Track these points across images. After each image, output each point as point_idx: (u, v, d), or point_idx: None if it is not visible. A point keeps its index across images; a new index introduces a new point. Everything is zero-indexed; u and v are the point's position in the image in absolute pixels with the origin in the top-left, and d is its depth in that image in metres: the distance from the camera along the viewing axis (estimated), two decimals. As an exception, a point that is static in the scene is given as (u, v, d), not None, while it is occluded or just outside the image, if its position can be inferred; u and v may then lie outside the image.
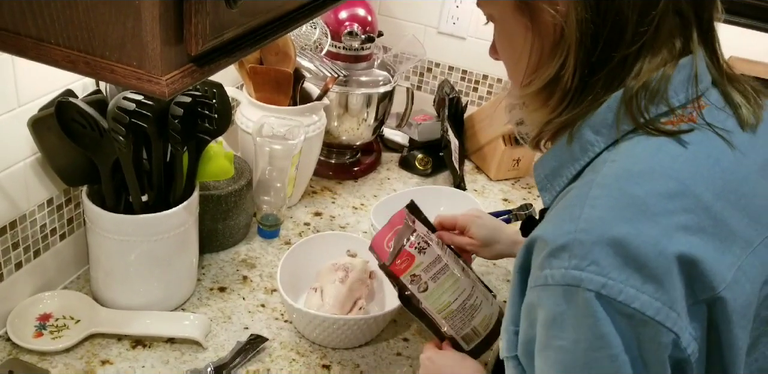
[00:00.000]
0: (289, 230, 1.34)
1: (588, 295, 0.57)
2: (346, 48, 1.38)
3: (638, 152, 0.64)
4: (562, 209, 0.63)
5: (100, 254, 1.06)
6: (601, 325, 0.58)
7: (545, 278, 0.60)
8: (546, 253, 0.60)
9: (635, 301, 0.57)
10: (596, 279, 0.57)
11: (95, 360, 1.02)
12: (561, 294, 0.59)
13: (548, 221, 0.64)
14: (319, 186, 1.48)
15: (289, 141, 1.20)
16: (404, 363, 1.08)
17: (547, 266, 0.60)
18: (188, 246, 1.10)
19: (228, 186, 1.21)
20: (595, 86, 0.66)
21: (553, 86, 0.67)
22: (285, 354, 1.08)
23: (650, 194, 0.60)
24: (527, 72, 0.69)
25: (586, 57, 0.64)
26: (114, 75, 0.67)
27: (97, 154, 0.96)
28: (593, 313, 0.58)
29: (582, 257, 0.58)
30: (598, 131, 0.66)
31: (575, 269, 0.58)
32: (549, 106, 0.69)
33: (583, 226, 0.59)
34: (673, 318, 0.58)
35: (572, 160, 0.68)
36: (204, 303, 1.15)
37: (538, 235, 0.62)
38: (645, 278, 0.57)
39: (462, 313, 0.98)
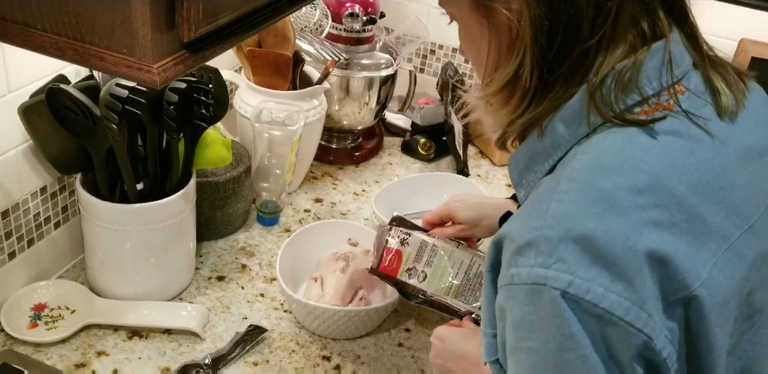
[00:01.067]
0: (289, 217, 1.32)
1: (554, 294, 0.55)
2: (347, 30, 1.34)
3: (608, 145, 0.62)
4: (530, 205, 0.61)
5: (95, 244, 1.04)
6: (569, 325, 0.55)
7: (511, 277, 0.58)
8: (512, 251, 0.58)
9: (603, 300, 0.55)
10: (562, 277, 0.55)
11: (91, 351, 1.00)
12: (527, 294, 0.57)
13: (516, 218, 0.62)
14: (320, 172, 1.45)
15: (288, 127, 1.17)
16: (406, 354, 1.06)
17: (514, 264, 0.58)
18: (185, 235, 1.08)
19: (226, 173, 1.18)
20: (556, 83, 0.64)
21: (513, 85, 0.65)
22: (284, 344, 1.06)
23: (619, 188, 0.58)
24: (487, 71, 0.67)
25: (543, 55, 0.62)
26: (103, 63, 0.64)
27: (90, 142, 0.93)
28: (560, 313, 0.55)
29: (548, 254, 0.56)
30: (570, 124, 0.64)
31: (541, 267, 0.56)
32: (511, 105, 0.67)
33: (550, 222, 0.57)
34: (643, 318, 0.55)
35: (545, 155, 0.66)
36: (202, 293, 1.13)
37: (504, 232, 0.60)
38: (614, 276, 0.55)
39: (469, 285, 0.97)
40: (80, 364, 0.98)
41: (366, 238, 1.12)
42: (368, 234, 1.14)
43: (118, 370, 0.99)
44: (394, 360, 1.05)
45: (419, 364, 1.05)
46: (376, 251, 1.02)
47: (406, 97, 1.48)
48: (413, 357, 1.06)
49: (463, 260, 0.98)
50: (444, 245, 1.00)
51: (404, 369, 1.04)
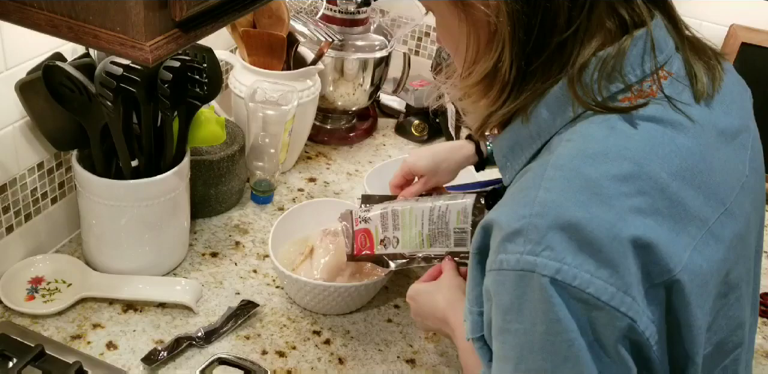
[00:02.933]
0: (282, 196, 1.34)
1: (543, 280, 0.57)
2: (341, 11, 1.36)
3: (592, 132, 0.63)
4: (517, 192, 0.62)
5: (90, 219, 1.06)
6: (557, 310, 0.57)
7: (500, 262, 0.60)
8: (501, 237, 0.60)
9: (589, 286, 0.57)
10: (551, 265, 0.57)
11: (87, 324, 1.03)
12: (516, 279, 0.59)
13: (504, 204, 0.63)
14: (314, 152, 1.47)
15: (282, 107, 1.18)
16: (394, 330, 1.09)
17: (502, 250, 0.59)
18: (179, 212, 1.10)
19: (220, 151, 1.20)
20: (534, 75, 0.64)
21: (491, 78, 0.66)
22: (276, 319, 1.08)
23: (604, 176, 0.59)
24: (466, 64, 0.68)
25: (522, 48, 0.63)
26: (97, 40, 0.65)
27: (85, 118, 0.95)
28: (548, 298, 0.57)
29: (537, 242, 0.57)
30: (554, 110, 0.65)
31: (530, 254, 0.57)
32: (489, 97, 0.68)
33: (538, 210, 0.58)
34: (627, 302, 0.57)
35: (529, 140, 0.67)
36: (196, 268, 1.15)
37: (493, 219, 0.62)
38: (599, 263, 0.57)
39: (437, 228, 0.98)
40: (76, 336, 1.01)
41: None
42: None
43: (113, 342, 1.01)
44: (383, 335, 1.08)
45: (407, 339, 1.08)
46: (347, 238, 1.04)
47: (401, 79, 1.49)
48: (401, 333, 1.09)
49: (423, 210, 0.99)
50: (403, 205, 1.01)
51: (392, 344, 1.07)
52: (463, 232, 0.97)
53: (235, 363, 0.97)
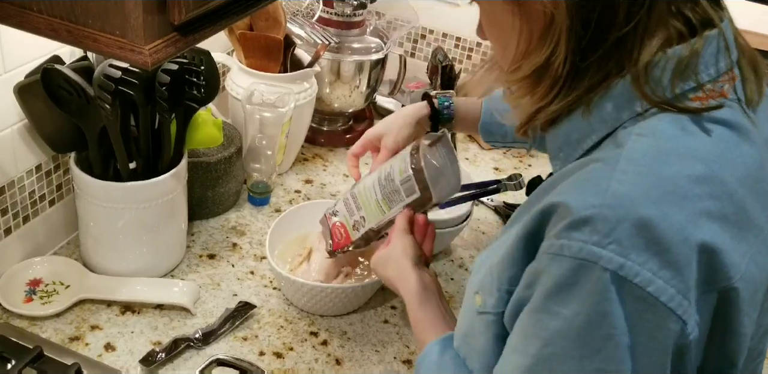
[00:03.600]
0: (279, 198, 1.34)
1: (604, 274, 0.56)
2: (338, 14, 1.36)
3: (664, 129, 0.62)
4: (585, 180, 0.61)
5: (88, 221, 1.07)
6: (608, 304, 0.57)
7: (561, 248, 0.59)
8: (566, 223, 0.58)
9: (650, 285, 0.56)
10: (616, 259, 0.56)
11: (85, 325, 1.03)
12: (575, 267, 0.58)
13: (570, 190, 0.61)
14: (311, 153, 1.48)
15: (279, 109, 1.19)
16: (391, 331, 1.10)
17: (565, 236, 0.58)
18: (177, 213, 1.11)
19: (218, 153, 1.20)
20: (588, 71, 0.63)
21: (541, 73, 0.65)
22: (273, 320, 1.09)
23: (679, 176, 0.59)
24: (515, 58, 0.67)
25: (578, 43, 0.62)
26: (97, 44, 0.66)
27: (84, 121, 0.95)
28: (604, 292, 0.57)
29: (605, 234, 0.56)
30: (619, 104, 0.64)
31: (596, 245, 0.57)
32: (537, 93, 0.66)
33: (610, 202, 0.57)
34: (684, 306, 0.57)
35: (589, 131, 0.66)
36: (193, 270, 1.16)
37: (560, 201, 0.60)
38: (664, 263, 0.56)
39: (388, 189, 0.96)
40: (74, 337, 1.01)
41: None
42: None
43: (111, 343, 1.02)
44: (380, 336, 1.09)
45: (404, 340, 1.08)
46: (326, 238, 1.05)
47: (397, 80, 1.50)
48: (398, 333, 1.10)
49: (373, 180, 0.98)
50: (356, 185, 1.02)
51: (389, 345, 1.07)
52: (408, 180, 0.94)
53: (233, 363, 0.97)
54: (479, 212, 1.38)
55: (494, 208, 1.39)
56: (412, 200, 0.94)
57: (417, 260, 0.90)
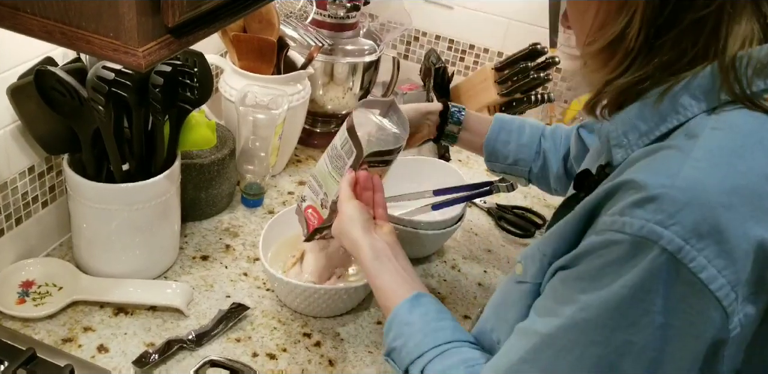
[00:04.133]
0: (272, 199, 1.34)
1: (661, 254, 0.57)
2: (331, 16, 1.37)
3: (741, 125, 0.62)
4: (657, 162, 0.61)
5: (81, 223, 1.07)
6: (656, 283, 0.57)
7: (622, 224, 0.59)
8: (632, 201, 0.59)
9: (703, 271, 0.57)
10: (676, 241, 0.57)
11: (78, 327, 1.03)
12: (633, 244, 0.58)
13: (640, 170, 0.61)
14: (304, 155, 1.48)
15: (272, 111, 1.19)
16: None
17: (629, 213, 0.59)
18: (170, 215, 1.11)
19: (211, 155, 1.20)
20: (661, 49, 0.64)
21: (616, 46, 0.65)
22: (266, 322, 1.09)
23: (753, 171, 0.59)
24: (592, 29, 0.68)
25: (654, 17, 0.63)
26: (90, 46, 0.66)
27: (77, 122, 0.95)
28: (656, 271, 0.57)
29: (670, 214, 0.57)
30: (696, 96, 0.64)
31: (659, 224, 0.57)
32: (609, 66, 0.67)
33: (680, 184, 0.58)
34: (731, 298, 0.58)
35: (660, 120, 0.66)
36: (186, 272, 1.16)
37: (629, 179, 0.60)
38: (720, 252, 0.57)
39: (335, 158, 0.97)
40: (67, 339, 1.01)
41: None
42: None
43: (104, 345, 1.01)
44: (373, 337, 1.09)
45: (396, 341, 1.09)
46: (302, 225, 1.05)
47: (390, 82, 1.51)
48: (391, 335, 1.10)
49: (324, 158, 1.00)
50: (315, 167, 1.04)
51: (382, 346, 1.08)
52: (345, 143, 0.95)
53: (226, 365, 0.97)
54: (472, 213, 1.39)
55: (487, 210, 1.40)
56: (353, 160, 0.94)
57: (364, 224, 0.89)
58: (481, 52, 1.66)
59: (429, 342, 0.77)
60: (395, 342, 0.80)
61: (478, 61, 1.67)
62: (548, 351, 0.64)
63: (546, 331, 0.64)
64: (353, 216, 0.90)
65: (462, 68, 1.69)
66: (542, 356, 0.64)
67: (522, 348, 0.66)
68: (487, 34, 1.62)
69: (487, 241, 1.33)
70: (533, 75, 1.41)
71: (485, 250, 1.31)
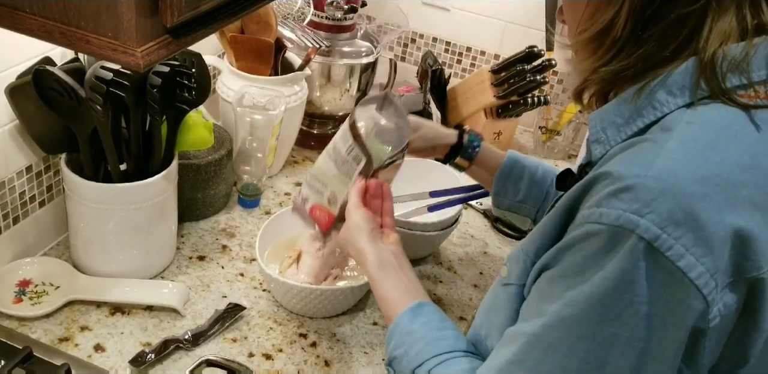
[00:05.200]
0: (269, 200, 1.35)
1: (638, 243, 0.58)
2: (328, 18, 1.37)
3: (716, 119, 0.64)
4: (631, 155, 0.62)
5: (78, 222, 1.07)
6: (636, 273, 0.58)
7: (599, 215, 0.60)
8: (608, 191, 0.60)
9: (681, 259, 0.57)
10: (652, 230, 0.57)
11: (74, 326, 1.04)
12: (610, 235, 0.59)
13: (615, 163, 0.62)
14: (301, 156, 1.48)
15: (269, 111, 1.20)
16: (380, 333, 1.10)
17: (605, 204, 0.59)
18: (167, 215, 1.11)
19: (208, 156, 1.21)
20: (648, 42, 0.66)
21: (604, 35, 0.67)
22: (262, 322, 1.09)
23: (726, 162, 0.60)
24: (583, 18, 0.70)
25: (641, 9, 0.65)
26: (89, 46, 0.66)
27: (75, 122, 0.96)
28: (635, 261, 0.58)
29: (645, 203, 0.58)
30: (672, 91, 0.65)
31: (635, 213, 0.58)
32: (597, 55, 0.69)
33: (654, 173, 0.59)
34: (710, 286, 0.58)
35: (637, 115, 0.67)
36: (183, 272, 1.16)
37: (605, 171, 0.61)
38: (698, 240, 0.57)
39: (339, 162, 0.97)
40: (64, 338, 1.02)
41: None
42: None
43: (101, 344, 1.02)
44: (369, 338, 1.09)
45: (392, 342, 1.09)
46: (307, 221, 1.03)
47: (387, 84, 1.51)
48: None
49: (324, 159, 0.99)
50: (311, 169, 1.03)
51: (378, 347, 1.08)
52: (352, 148, 0.95)
53: (222, 364, 0.98)
54: (468, 215, 1.39)
55: (483, 212, 1.40)
56: (362, 167, 0.94)
57: (370, 234, 0.89)
58: (478, 55, 1.67)
59: (430, 351, 0.77)
60: (396, 350, 0.80)
61: (474, 63, 1.68)
62: (536, 350, 0.64)
63: (532, 331, 0.64)
64: (360, 225, 0.90)
65: (459, 70, 1.70)
66: (530, 356, 0.64)
67: (510, 350, 0.66)
68: (484, 37, 1.63)
69: (483, 243, 1.34)
70: (530, 78, 1.42)
71: (481, 252, 1.31)
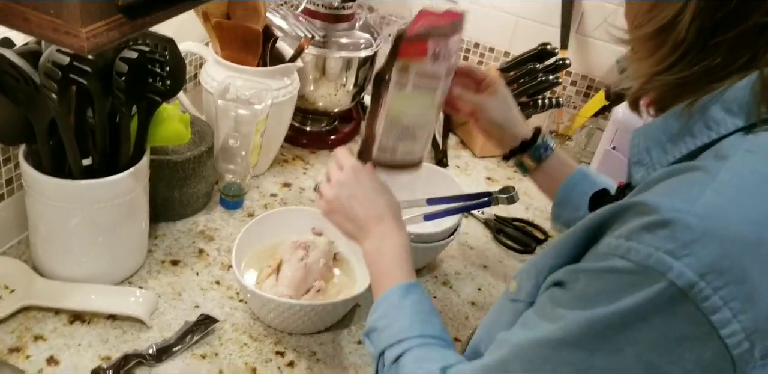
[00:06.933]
0: (254, 201, 1.25)
1: (668, 288, 0.49)
2: (325, 6, 1.27)
3: None
4: (674, 185, 0.54)
5: (38, 221, 0.97)
6: (654, 315, 0.50)
7: (627, 250, 0.52)
8: (641, 224, 0.52)
9: (716, 313, 0.49)
10: (687, 276, 0.49)
11: (27, 335, 0.94)
12: (637, 274, 0.51)
13: (655, 192, 0.54)
14: (291, 155, 1.38)
15: (254, 106, 1.10)
16: (365, 353, 1.00)
17: (636, 238, 0.51)
18: (137, 215, 1.01)
19: (187, 151, 1.11)
20: (716, 52, 0.56)
21: (666, 34, 0.58)
22: (236, 337, 1.00)
23: None
24: (641, 10, 0.60)
25: (711, 9, 0.55)
26: (27, 24, 0.57)
27: (32, 111, 0.86)
28: (657, 304, 0.50)
29: (683, 244, 0.49)
30: (730, 109, 0.56)
31: (669, 254, 0.49)
32: (656, 57, 0.60)
33: (699, 210, 0.50)
34: (744, 347, 0.50)
35: (688, 135, 0.58)
36: (153, 277, 1.06)
37: (641, 200, 0.53)
38: (740, 294, 0.49)
39: (403, 131, 0.91)
40: (14, 348, 0.92)
41: (332, 229, 1.06)
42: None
43: (55, 357, 0.92)
44: (353, 359, 0.99)
45: (377, 363, 0.99)
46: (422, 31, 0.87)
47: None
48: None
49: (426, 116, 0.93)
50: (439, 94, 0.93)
51: (363, 369, 0.98)
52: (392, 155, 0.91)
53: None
54: (468, 225, 1.30)
55: (484, 221, 1.30)
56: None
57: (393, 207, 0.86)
58: (486, 51, 1.56)
59: (415, 330, 0.73)
60: (379, 322, 0.76)
61: (482, 60, 1.58)
62: (515, 363, 0.59)
63: (518, 342, 0.60)
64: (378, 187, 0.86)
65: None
66: (509, 367, 0.60)
67: (491, 356, 0.62)
68: (493, 32, 1.53)
69: (483, 256, 1.23)
70: (541, 77, 1.32)
71: (481, 266, 1.21)
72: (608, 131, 1.29)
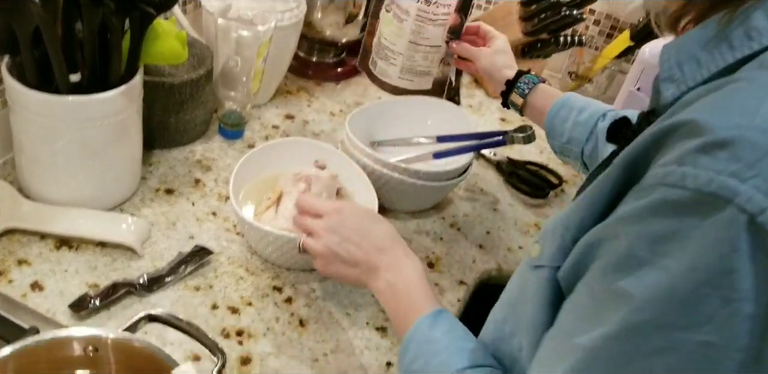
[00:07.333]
0: (255, 132, 1.19)
1: (738, 217, 0.42)
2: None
3: None
4: (722, 99, 0.47)
5: (22, 138, 0.91)
6: (737, 258, 0.43)
7: (682, 177, 0.45)
8: (695, 146, 0.45)
9: None
10: (757, 199, 0.42)
11: (10, 259, 0.89)
12: (698, 203, 0.44)
13: (700, 109, 0.47)
14: (295, 86, 1.31)
15: (257, 27, 1.02)
16: (366, 292, 0.96)
17: (691, 162, 0.45)
18: (129, 138, 0.95)
19: (184, 74, 1.04)
20: None
21: None
22: (232, 270, 0.95)
23: None
24: None
25: None
26: None
27: (15, 17, 0.79)
28: (734, 240, 0.43)
29: (748, 164, 0.43)
30: None
31: (733, 176, 0.43)
32: None
33: (761, 123, 0.44)
34: None
35: (726, 47, 0.51)
36: (146, 205, 1.01)
37: (689, 118, 0.46)
38: None
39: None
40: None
41: (337, 162, 1.00)
42: (340, 158, 1.02)
43: (39, 282, 0.87)
44: (353, 298, 0.95)
45: (380, 305, 0.94)
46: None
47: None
48: (374, 296, 0.95)
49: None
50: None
51: (363, 308, 0.94)
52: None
53: (168, 321, 0.80)
54: (479, 166, 1.24)
55: (496, 163, 1.24)
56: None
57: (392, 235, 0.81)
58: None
59: (456, 363, 0.66)
60: (414, 363, 0.69)
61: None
62: (596, 368, 0.49)
63: (591, 344, 0.49)
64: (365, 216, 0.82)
65: (482, 2, 1.51)
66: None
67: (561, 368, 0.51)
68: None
69: (493, 198, 1.18)
70: (565, 12, 1.24)
71: (491, 208, 1.15)
72: (633, 71, 1.22)
